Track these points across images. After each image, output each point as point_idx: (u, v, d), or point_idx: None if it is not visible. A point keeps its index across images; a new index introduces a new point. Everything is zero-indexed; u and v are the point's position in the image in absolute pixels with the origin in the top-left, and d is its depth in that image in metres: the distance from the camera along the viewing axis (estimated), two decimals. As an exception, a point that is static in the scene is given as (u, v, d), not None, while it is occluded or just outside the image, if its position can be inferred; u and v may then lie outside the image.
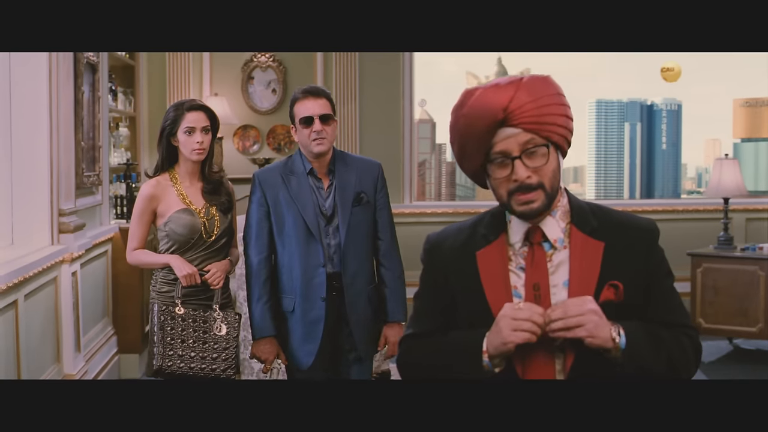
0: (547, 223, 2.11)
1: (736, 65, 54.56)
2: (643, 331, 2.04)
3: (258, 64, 8.40)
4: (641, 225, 2.16)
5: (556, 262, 2.09)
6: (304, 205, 3.78)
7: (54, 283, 5.13)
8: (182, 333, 3.89)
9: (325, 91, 3.83)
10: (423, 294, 2.28)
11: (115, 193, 6.94)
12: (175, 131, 3.99)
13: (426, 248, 2.27)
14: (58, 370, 5.14)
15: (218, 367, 3.92)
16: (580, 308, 1.98)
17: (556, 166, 2.07)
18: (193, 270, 3.94)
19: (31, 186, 5.10)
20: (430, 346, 2.19)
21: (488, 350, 2.03)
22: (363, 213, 3.83)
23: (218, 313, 3.97)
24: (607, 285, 2.05)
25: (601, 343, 1.98)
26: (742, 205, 8.63)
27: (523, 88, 2.03)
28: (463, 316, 2.15)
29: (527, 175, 2.04)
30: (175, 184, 4.05)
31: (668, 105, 54.84)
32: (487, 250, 2.14)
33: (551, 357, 2.05)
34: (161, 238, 4.07)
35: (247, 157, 8.35)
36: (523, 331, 1.97)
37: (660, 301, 2.14)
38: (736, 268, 6.92)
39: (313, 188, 3.81)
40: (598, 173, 57.56)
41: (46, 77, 5.07)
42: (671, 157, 54.50)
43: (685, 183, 51.72)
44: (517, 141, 2.03)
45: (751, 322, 6.82)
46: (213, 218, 4.04)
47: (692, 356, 2.14)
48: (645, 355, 2.02)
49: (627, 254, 2.10)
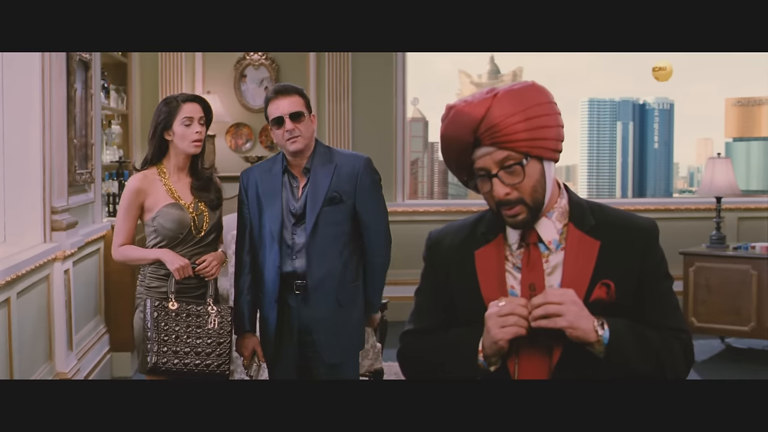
0: (542, 225, 2.11)
1: (728, 65, 54.69)
2: (629, 330, 2.04)
3: (251, 62, 8.40)
4: (640, 224, 2.16)
5: (552, 263, 2.10)
6: (271, 204, 3.76)
7: (46, 280, 5.12)
8: (176, 328, 3.81)
9: (295, 88, 3.77)
10: (424, 290, 2.29)
11: (107, 191, 6.93)
12: (171, 124, 3.92)
13: (427, 245, 2.29)
14: (50, 368, 5.14)
15: (213, 362, 3.85)
16: (561, 297, 1.98)
17: (539, 179, 2.06)
18: (185, 262, 3.87)
19: (24, 183, 5.09)
20: (429, 343, 2.21)
21: (483, 349, 2.05)
22: (336, 213, 3.74)
23: (212, 307, 3.90)
24: (599, 284, 2.05)
25: (582, 335, 1.98)
26: (734, 204, 8.66)
27: (495, 105, 2.02)
28: (461, 313, 2.17)
29: (506, 192, 2.04)
30: (163, 179, 3.98)
31: (660, 104, 54.95)
32: (485, 249, 2.15)
33: (544, 355, 2.06)
34: (149, 234, 4.00)
35: (240, 155, 8.35)
36: (510, 326, 1.98)
37: (655, 302, 2.13)
38: (728, 267, 6.93)
39: (287, 187, 3.78)
40: (590, 172, 57.64)
41: (39, 74, 5.06)
42: (663, 156, 54.61)
43: (677, 182, 51.84)
44: (493, 159, 2.04)
45: (743, 320, 6.84)
46: (202, 213, 3.99)
47: (682, 360, 2.13)
48: (629, 353, 2.02)
49: (623, 254, 2.09)
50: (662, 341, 2.08)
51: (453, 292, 2.19)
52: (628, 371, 2.03)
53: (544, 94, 2.08)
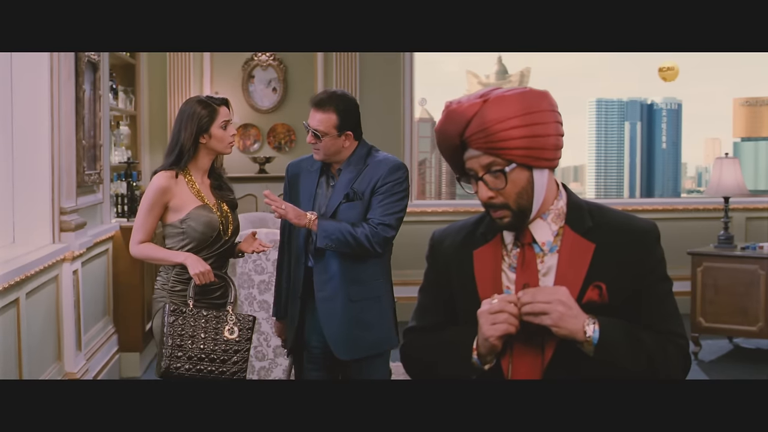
0: (536, 226, 2.11)
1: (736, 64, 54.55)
2: (622, 331, 2.03)
3: (259, 62, 8.41)
4: (638, 227, 2.14)
5: (548, 265, 2.10)
6: (303, 200, 3.85)
7: (55, 281, 5.14)
8: (193, 333, 3.76)
9: (335, 104, 3.76)
10: (426, 289, 2.31)
11: (116, 192, 6.95)
12: (209, 127, 3.92)
13: (430, 245, 2.31)
14: (59, 369, 5.15)
15: (228, 369, 3.79)
16: (549, 296, 1.98)
17: (525, 186, 2.05)
18: (206, 268, 3.82)
19: (33, 184, 5.10)
20: (428, 341, 2.23)
21: (478, 348, 2.06)
22: (351, 209, 3.78)
23: (231, 314, 3.84)
24: (592, 285, 2.05)
25: (569, 334, 1.98)
26: (742, 204, 8.66)
27: (484, 110, 2.02)
28: (460, 312, 2.18)
29: (489, 196, 2.05)
30: (189, 180, 3.94)
31: (668, 104, 54.88)
32: (483, 249, 2.17)
33: (537, 354, 2.06)
34: (174, 235, 3.93)
35: (248, 156, 8.36)
36: (500, 324, 1.99)
37: (652, 305, 2.12)
38: (736, 267, 6.92)
39: (322, 186, 3.86)
40: (598, 172, 57.57)
41: (48, 75, 5.08)
42: (671, 156, 54.54)
43: (685, 182, 51.76)
44: (479, 162, 2.05)
45: (751, 321, 6.83)
46: (227, 215, 3.97)
47: (677, 365, 2.11)
48: (620, 354, 2.01)
49: (619, 256, 2.08)
50: (657, 344, 2.07)
51: (453, 292, 2.20)
52: (617, 372, 2.02)
53: (542, 101, 2.06)
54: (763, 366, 6.83)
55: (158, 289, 3.97)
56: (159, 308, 3.89)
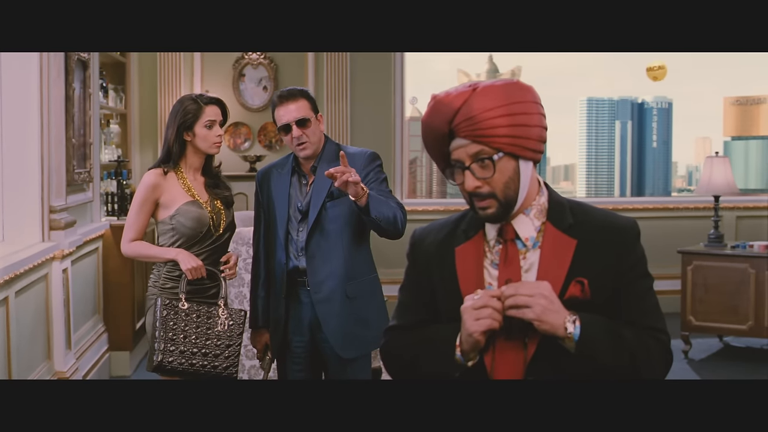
0: (519, 221, 2.12)
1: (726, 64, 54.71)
2: (603, 327, 2.04)
3: (249, 61, 8.40)
4: (618, 224, 2.15)
5: (530, 261, 2.11)
6: (280, 203, 3.81)
7: (45, 280, 5.12)
8: (185, 328, 3.79)
9: (300, 91, 3.78)
10: (407, 287, 2.31)
11: (105, 190, 6.93)
12: (193, 125, 3.93)
13: (411, 243, 2.31)
14: (48, 368, 5.14)
15: (220, 364, 3.83)
16: (532, 290, 1.99)
17: (511, 176, 2.07)
18: (198, 263, 3.84)
19: (22, 183, 5.09)
20: (409, 339, 2.22)
21: (461, 344, 2.06)
22: (339, 206, 3.75)
23: (223, 309, 3.88)
24: (574, 281, 2.06)
25: (550, 329, 1.99)
26: (732, 203, 8.68)
27: (473, 99, 2.04)
28: (442, 310, 2.18)
29: (476, 185, 2.06)
30: (180, 177, 3.97)
31: (659, 103, 55.07)
32: (465, 246, 2.17)
33: (519, 350, 2.06)
34: (165, 232, 3.95)
35: (238, 154, 8.36)
36: (484, 319, 1.99)
37: (632, 302, 2.12)
38: (726, 265, 6.94)
39: (296, 186, 3.82)
40: (588, 171, 57.73)
41: (37, 74, 5.07)
42: (662, 155, 54.73)
43: (676, 181, 51.95)
44: (466, 152, 2.06)
45: (741, 319, 6.85)
46: (219, 212, 3.98)
47: (658, 361, 2.12)
48: (601, 351, 2.02)
49: (600, 253, 2.09)
50: (638, 340, 2.07)
51: (435, 289, 2.20)
52: (598, 368, 2.03)
53: (527, 93, 2.09)
54: (753, 364, 6.85)
55: (151, 286, 3.98)
56: (151, 304, 3.91)
